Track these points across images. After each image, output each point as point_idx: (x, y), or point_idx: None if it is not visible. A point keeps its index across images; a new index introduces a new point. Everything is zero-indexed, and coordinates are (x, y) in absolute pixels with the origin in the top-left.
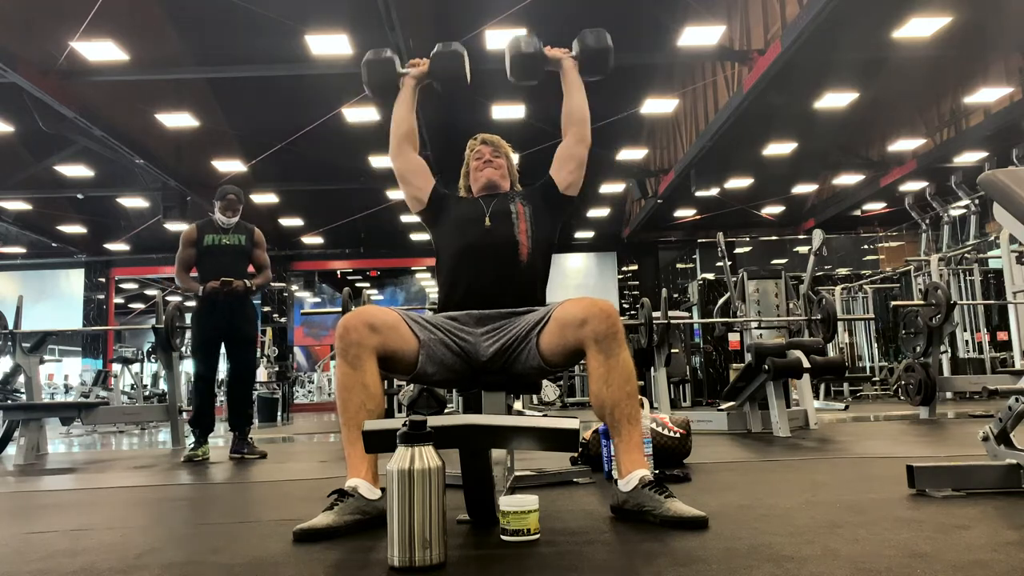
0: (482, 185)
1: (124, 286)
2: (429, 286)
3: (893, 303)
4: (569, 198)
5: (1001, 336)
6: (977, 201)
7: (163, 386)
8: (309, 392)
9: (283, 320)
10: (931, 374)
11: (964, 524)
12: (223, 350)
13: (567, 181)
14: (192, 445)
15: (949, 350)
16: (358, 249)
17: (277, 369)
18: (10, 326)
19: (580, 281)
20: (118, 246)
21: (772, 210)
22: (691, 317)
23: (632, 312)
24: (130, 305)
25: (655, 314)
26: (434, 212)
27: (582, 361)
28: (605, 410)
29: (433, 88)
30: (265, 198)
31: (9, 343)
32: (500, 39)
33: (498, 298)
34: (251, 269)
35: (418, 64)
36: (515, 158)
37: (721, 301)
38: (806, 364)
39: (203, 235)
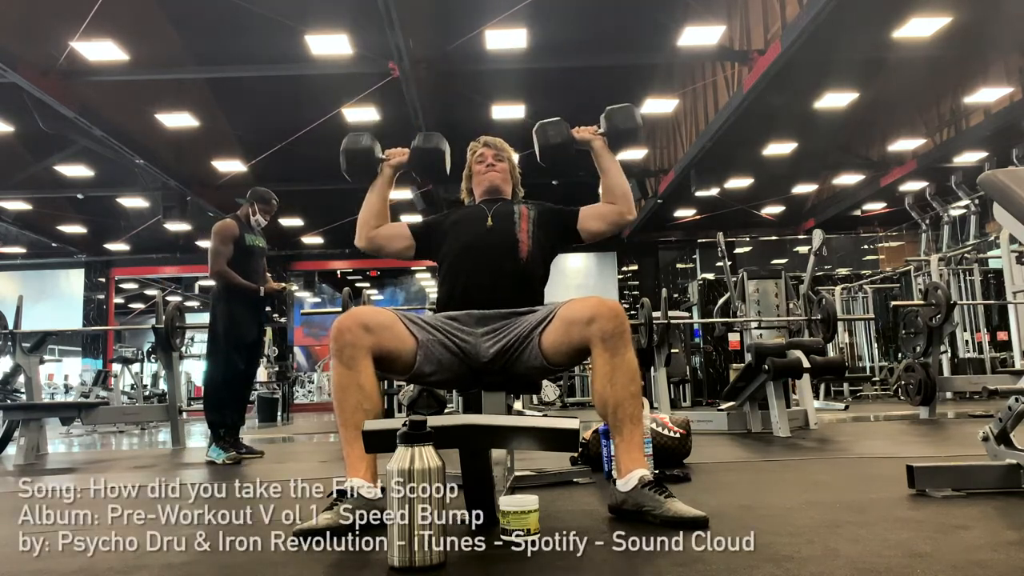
0: (485, 189)
1: (124, 286)
2: (429, 286)
3: (893, 303)
4: (579, 237)
5: (1001, 336)
6: (977, 201)
7: (163, 386)
8: (309, 392)
9: (283, 320)
10: (931, 374)
11: (964, 524)
12: None
13: (589, 229)
14: (218, 448)
15: (949, 350)
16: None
17: (277, 369)
18: (10, 326)
19: (580, 281)
20: (118, 246)
21: (772, 210)
22: (691, 317)
23: (632, 312)
24: (130, 305)
25: (655, 314)
26: (427, 245)
27: (584, 361)
28: (608, 409)
29: (434, 84)
30: None
31: (9, 343)
32: (500, 39)
33: (496, 295)
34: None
35: (397, 153)
36: (516, 159)
37: (721, 301)
38: (806, 364)
39: (243, 234)
